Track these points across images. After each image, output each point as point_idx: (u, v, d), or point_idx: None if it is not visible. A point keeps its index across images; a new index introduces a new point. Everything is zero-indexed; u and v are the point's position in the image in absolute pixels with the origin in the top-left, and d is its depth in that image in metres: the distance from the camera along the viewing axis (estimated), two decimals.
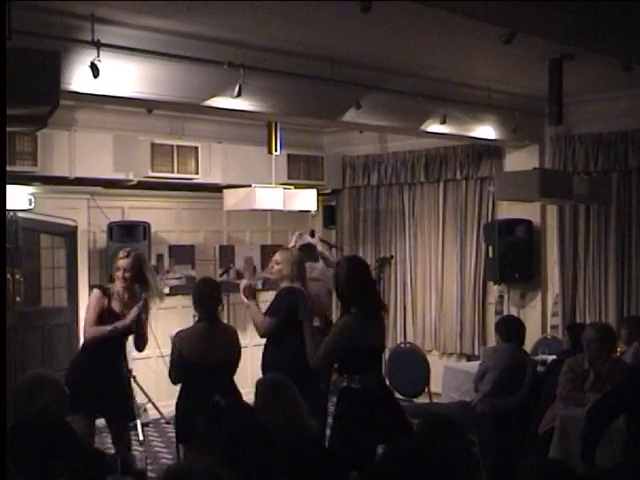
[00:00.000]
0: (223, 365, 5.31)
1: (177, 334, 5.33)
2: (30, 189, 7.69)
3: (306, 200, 8.64)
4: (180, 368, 5.26)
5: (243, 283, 6.01)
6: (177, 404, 5.33)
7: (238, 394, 5.32)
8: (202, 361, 5.20)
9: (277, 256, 6.00)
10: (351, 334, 4.78)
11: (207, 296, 5.37)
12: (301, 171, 9.64)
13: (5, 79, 3.98)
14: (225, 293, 9.23)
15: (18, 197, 7.53)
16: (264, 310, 5.90)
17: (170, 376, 5.36)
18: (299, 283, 5.88)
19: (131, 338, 5.81)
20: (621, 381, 4.92)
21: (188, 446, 4.96)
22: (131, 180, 8.46)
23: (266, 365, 5.77)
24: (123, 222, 8.41)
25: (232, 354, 5.43)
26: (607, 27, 5.57)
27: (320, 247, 8.50)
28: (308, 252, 7.57)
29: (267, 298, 8.90)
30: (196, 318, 5.45)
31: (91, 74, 5.21)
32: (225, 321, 9.14)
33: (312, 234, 8.80)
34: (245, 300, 5.89)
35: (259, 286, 9.63)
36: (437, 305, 9.48)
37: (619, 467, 4.29)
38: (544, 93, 6.80)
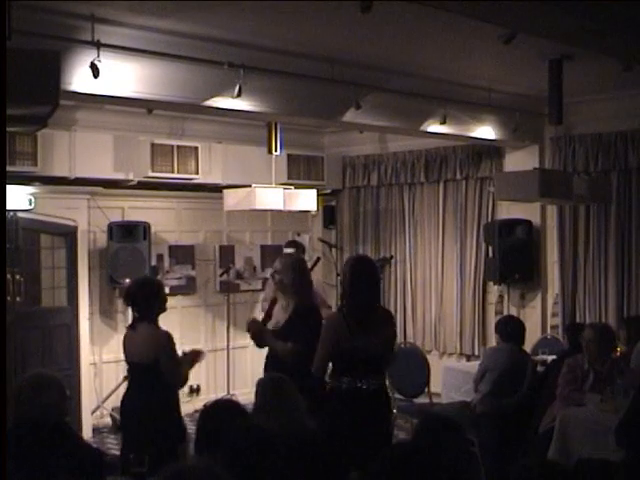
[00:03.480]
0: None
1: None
2: (30, 189, 7.68)
3: (306, 200, 8.64)
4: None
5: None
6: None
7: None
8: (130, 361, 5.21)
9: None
10: (333, 333, 4.76)
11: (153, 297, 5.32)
12: (301, 171, 9.64)
13: (5, 79, 3.98)
14: (225, 293, 9.28)
15: (18, 197, 7.52)
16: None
17: None
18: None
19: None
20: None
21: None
22: (131, 180, 8.47)
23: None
24: (123, 222, 8.41)
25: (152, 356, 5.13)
26: (607, 27, 5.56)
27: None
28: None
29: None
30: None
31: (91, 74, 5.21)
32: (225, 321, 9.19)
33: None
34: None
35: (258, 286, 9.64)
36: (437, 305, 9.48)
37: (619, 465, 4.29)
38: (544, 93, 6.81)
